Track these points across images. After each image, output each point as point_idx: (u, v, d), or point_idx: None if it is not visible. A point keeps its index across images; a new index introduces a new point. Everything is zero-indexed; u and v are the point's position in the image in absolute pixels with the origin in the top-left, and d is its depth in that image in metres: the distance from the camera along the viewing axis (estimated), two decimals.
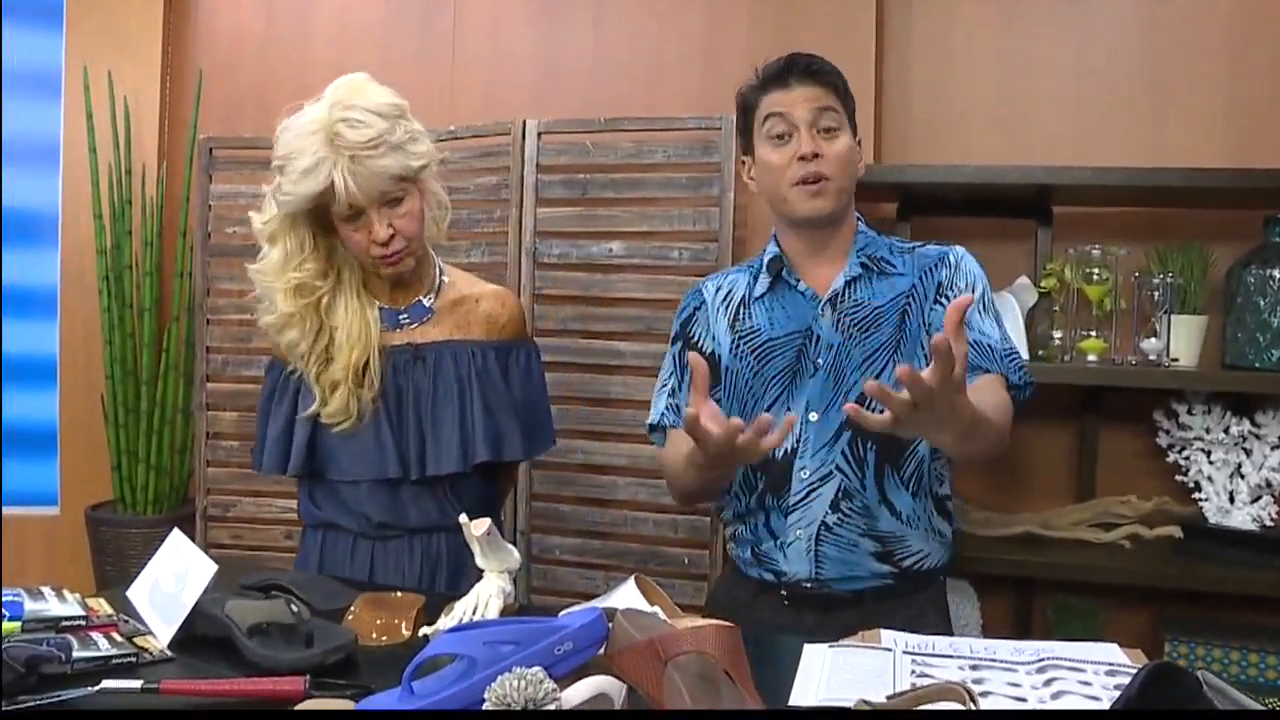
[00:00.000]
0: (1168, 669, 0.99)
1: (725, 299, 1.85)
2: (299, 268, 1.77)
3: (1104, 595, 2.58)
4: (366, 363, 1.80)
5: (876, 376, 1.70)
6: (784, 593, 1.76)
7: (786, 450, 1.74)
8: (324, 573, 1.86)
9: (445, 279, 1.91)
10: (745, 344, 1.80)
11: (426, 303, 1.87)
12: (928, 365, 1.44)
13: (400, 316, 1.85)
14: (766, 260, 1.83)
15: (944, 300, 1.73)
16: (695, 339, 1.85)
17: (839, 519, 1.71)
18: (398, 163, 1.71)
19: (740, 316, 1.83)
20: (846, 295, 1.76)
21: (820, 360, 1.74)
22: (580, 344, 2.82)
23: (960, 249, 1.79)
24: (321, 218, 1.76)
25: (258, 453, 1.92)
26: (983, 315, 1.73)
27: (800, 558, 1.73)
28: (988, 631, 2.54)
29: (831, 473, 1.71)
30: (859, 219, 1.82)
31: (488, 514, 1.95)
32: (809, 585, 1.73)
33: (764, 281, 1.82)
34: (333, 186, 1.67)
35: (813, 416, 1.73)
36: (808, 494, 1.72)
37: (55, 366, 3.37)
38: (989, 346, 1.71)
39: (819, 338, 1.75)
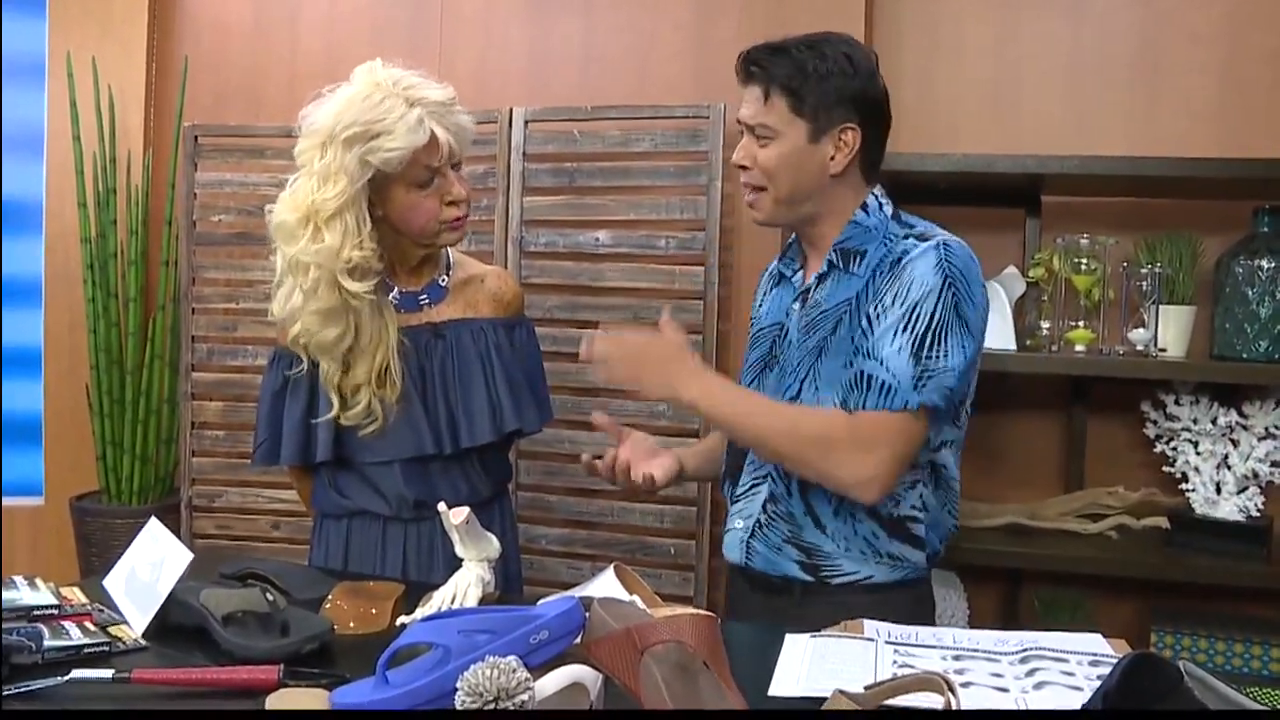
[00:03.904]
0: (1148, 659, 0.98)
1: (769, 277, 1.88)
2: (360, 246, 1.70)
3: (1091, 586, 2.58)
4: (387, 365, 1.79)
5: (801, 381, 1.67)
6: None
7: None
8: (351, 564, 1.86)
9: (453, 260, 1.94)
10: (752, 328, 1.84)
11: (442, 283, 1.89)
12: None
13: (420, 298, 1.86)
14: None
15: (871, 315, 1.60)
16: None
17: (768, 519, 1.70)
18: (472, 122, 1.80)
19: (761, 299, 1.87)
20: (815, 291, 1.71)
21: (781, 355, 1.73)
22: (568, 333, 2.80)
23: (929, 245, 1.61)
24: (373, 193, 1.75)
25: (266, 445, 1.88)
26: (898, 334, 1.57)
27: (735, 545, 1.74)
28: (975, 622, 2.53)
29: (770, 471, 1.71)
30: (867, 206, 1.69)
31: (505, 486, 1.99)
32: (742, 568, 1.75)
33: (778, 267, 1.84)
34: (435, 139, 1.71)
35: None
36: (750, 488, 1.73)
37: (40, 356, 3.34)
38: (870, 379, 1.57)
39: (787, 331, 1.74)
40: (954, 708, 1.01)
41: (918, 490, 1.67)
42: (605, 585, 1.45)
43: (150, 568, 1.45)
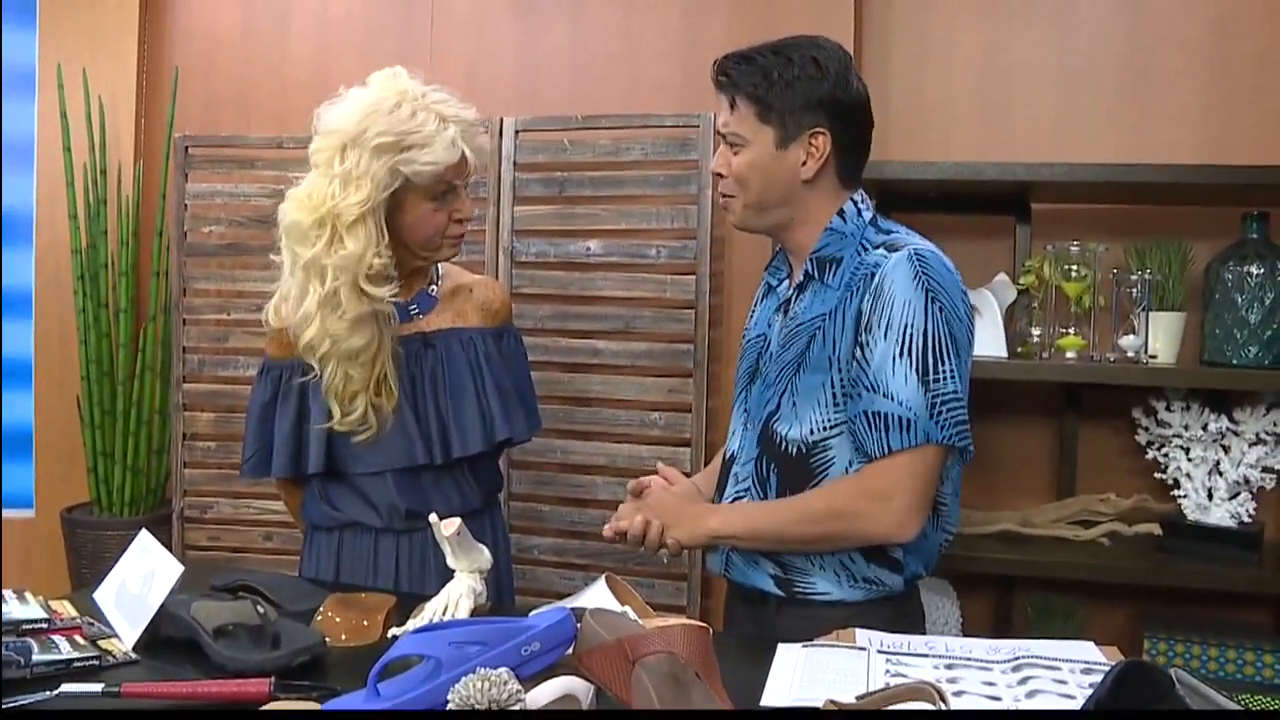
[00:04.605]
0: (1140, 666, 0.98)
1: (761, 286, 1.85)
2: (380, 254, 1.71)
3: (1084, 593, 2.58)
4: (385, 373, 1.79)
5: (780, 395, 1.66)
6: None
7: (733, 452, 1.75)
8: (342, 576, 1.85)
9: (441, 269, 1.93)
10: (743, 338, 1.84)
11: (431, 292, 1.89)
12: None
13: (410, 308, 1.86)
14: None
15: (863, 343, 1.57)
16: None
17: None
18: (489, 143, 1.80)
19: (753, 308, 1.86)
20: (794, 303, 1.70)
21: (764, 367, 1.72)
22: (559, 343, 2.80)
23: (900, 257, 1.57)
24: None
25: (256, 458, 1.87)
26: (897, 361, 1.54)
27: (716, 556, 1.75)
28: (968, 630, 2.53)
29: (749, 486, 1.70)
30: (844, 213, 1.67)
31: (496, 496, 1.99)
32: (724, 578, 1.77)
33: (766, 276, 1.83)
34: (464, 158, 1.73)
35: (750, 425, 1.73)
36: (733, 499, 1.72)
37: (30, 367, 3.33)
38: (886, 417, 1.54)
39: (770, 342, 1.73)
40: None
41: None
42: (597, 596, 1.45)
43: (141, 580, 1.45)
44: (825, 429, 1.61)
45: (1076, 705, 1.17)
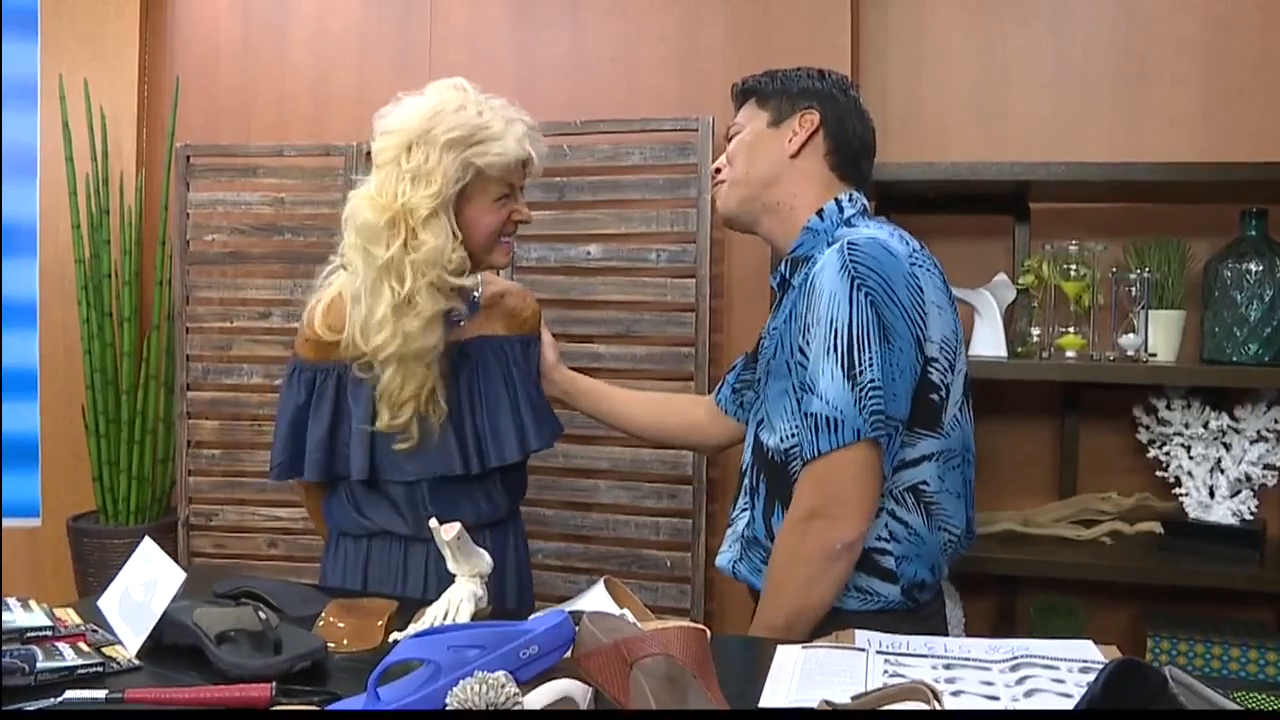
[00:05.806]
0: (1133, 665, 0.99)
1: None
2: (456, 248, 1.71)
3: (1086, 592, 2.58)
4: (434, 385, 1.76)
5: (763, 405, 1.67)
6: None
7: (741, 466, 1.75)
8: (370, 583, 1.83)
9: (480, 276, 1.90)
10: None
11: (475, 297, 1.86)
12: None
13: (451, 315, 1.82)
14: None
15: (801, 345, 1.55)
16: None
17: (747, 543, 1.68)
18: (546, 148, 1.83)
19: None
20: (776, 310, 1.73)
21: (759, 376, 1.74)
22: (560, 347, 2.80)
23: (833, 249, 1.53)
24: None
25: (287, 461, 1.83)
26: (825, 358, 1.50)
27: (725, 566, 1.73)
28: (970, 629, 2.54)
29: (749, 502, 1.69)
30: (823, 212, 1.65)
31: (519, 502, 1.98)
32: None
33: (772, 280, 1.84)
34: (530, 158, 1.76)
35: (750, 435, 1.74)
36: (741, 511, 1.71)
37: (35, 377, 3.34)
38: (817, 418, 1.50)
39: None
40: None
41: (883, 520, 1.57)
42: (596, 599, 1.46)
43: (144, 588, 1.46)
44: (792, 437, 1.58)
45: (1074, 704, 1.17)
